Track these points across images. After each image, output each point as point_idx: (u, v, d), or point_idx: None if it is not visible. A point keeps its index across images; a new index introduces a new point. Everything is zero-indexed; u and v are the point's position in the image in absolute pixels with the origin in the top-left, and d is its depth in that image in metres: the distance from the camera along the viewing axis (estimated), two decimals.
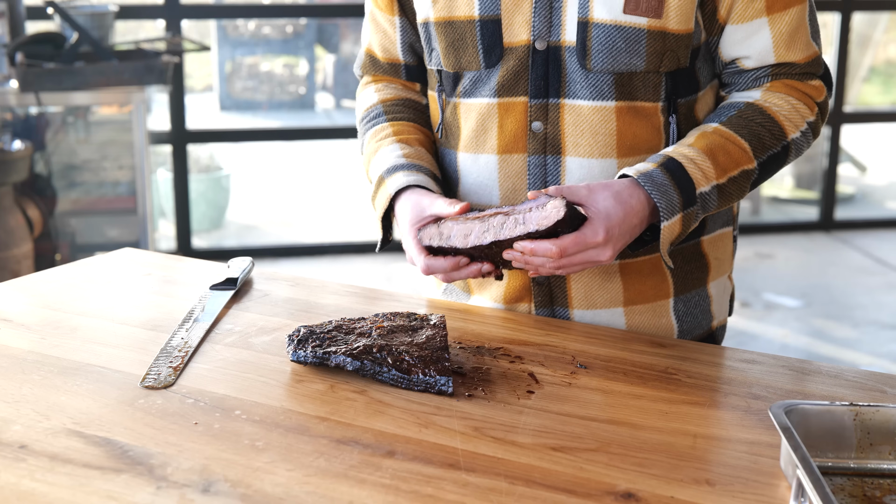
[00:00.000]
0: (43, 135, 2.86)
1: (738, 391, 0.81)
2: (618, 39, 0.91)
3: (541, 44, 0.93)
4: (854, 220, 4.34)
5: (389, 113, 1.05)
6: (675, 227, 0.88)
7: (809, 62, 0.96)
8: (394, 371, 0.79)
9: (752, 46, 0.94)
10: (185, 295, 1.02)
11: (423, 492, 0.63)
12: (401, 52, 1.07)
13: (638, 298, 0.98)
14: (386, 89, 1.09)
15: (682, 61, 0.93)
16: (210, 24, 7.30)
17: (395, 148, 1.00)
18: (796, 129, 0.95)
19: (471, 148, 0.99)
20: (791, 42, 0.94)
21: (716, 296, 1.04)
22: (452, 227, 0.88)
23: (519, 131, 0.95)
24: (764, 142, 0.93)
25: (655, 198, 0.87)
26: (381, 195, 0.98)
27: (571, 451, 0.69)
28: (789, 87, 0.96)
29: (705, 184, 0.89)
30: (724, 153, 0.91)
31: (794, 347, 2.95)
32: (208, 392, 0.77)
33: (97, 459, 0.65)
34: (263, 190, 5.26)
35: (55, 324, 0.92)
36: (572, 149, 0.94)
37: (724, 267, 1.05)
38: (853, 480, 0.68)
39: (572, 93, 0.93)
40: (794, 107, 0.95)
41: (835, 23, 4.12)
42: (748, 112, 0.94)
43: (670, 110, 0.95)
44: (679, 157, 0.90)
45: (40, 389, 0.77)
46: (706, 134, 0.92)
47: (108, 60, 2.71)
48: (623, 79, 0.92)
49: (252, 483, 0.63)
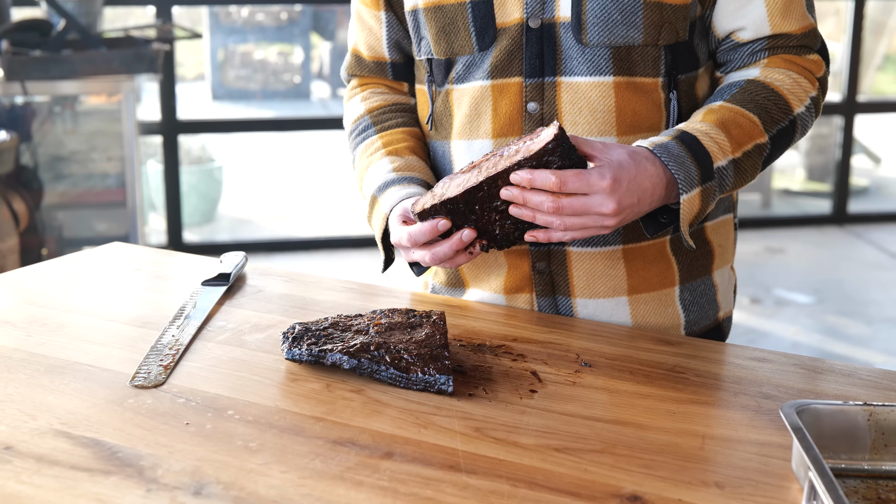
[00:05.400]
0: (29, 125, 2.82)
1: (748, 390, 0.80)
2: (613, 11, 0.89)
3: (534, 21, 0.92)
4: (868, 213, 4.32)
5: (377, 123, 1.04)
6: (695, 201, 0.85)
7: (805, 33, 0.94)
8: (392, 370, 0.78)
9: (746, 17, 0.93)
10: (176, 291, 1.00)
11: (422, 494, 0.61)
12: (387, 49, 1.06)
13: (642, 286, 0.96)
14: (372, 97, 1.07)
15: (681, 34, 0.92)
16: (202, 11, 7.25)
17: (385, 163, 0.99)
18: (800, 103, 0.93)
19: (464, 135, 0.97)
20: (786, 12, 0.93)
21: (721, 285, 1.02)
22: (448, 183, 0.83)
23: (514, 113, 0.93)
24: (772, 115, 0.91)
25: (673, 169, 0.84)
26: (377, 216, 0.97)
27: (575, 452, 0.68)
28: (788, 62, 0.94)
29: (722, 157, 0.87)
30: (735, 126, 0.89)
31: (806, 345, 2.93)
32: (200, 391, 0.76)
33: (85, 461, 0.64)
34: (257, 182, 5.24)
35: (42, 321, 0.91)
36: (570, 128, 0.92)
37: (727, 255, 1.03)
38: (867, 483, 0.67)
39: (569, 70, 0.91)
40: (796, 80, 0.93)
41: (848, 10, 4.09)
42: (751, 87, 0.92)
43: (671, 86, 0.93)
44: (693, 131, 0.88)
45: (26, 389, 0.75)
46: (714, 110, 0.91)
47: (96, 48, 2.67)
48: (621, 53, 0.91)
49: (245, 485, 0.62)
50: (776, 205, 4.51)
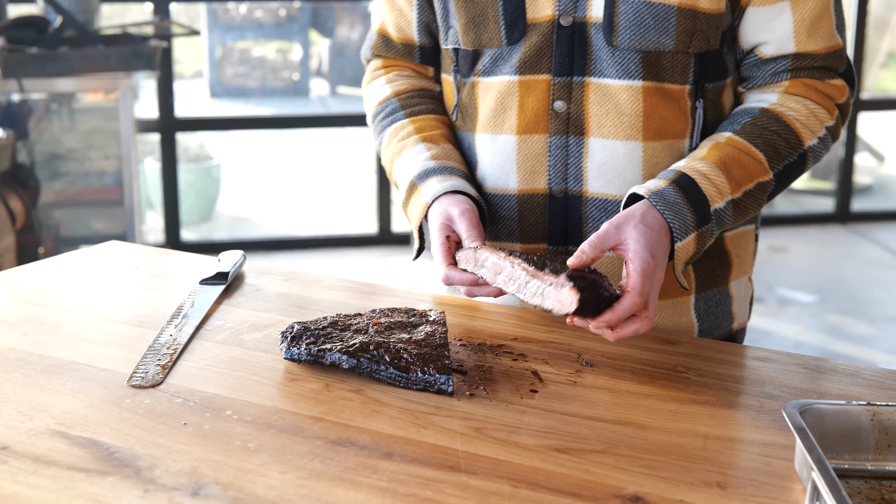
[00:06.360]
0: (25, 123, 2.81)
1: (751, 390, 0.80)
2: (646, 16, 0.89)
3: (566, 19, 0.92)
4: (871, 211, 4.30)
5: (406, 107, 1.03)
6: (690, 246, 0.86)
7: (830, 53, 0.93)
8: (391, 369, 0.77)
9: (772, 31, 0.92)
10: (174, 290, 1.00)
11: (422, 495, 0.61)
12: (416, 31, 1.05)
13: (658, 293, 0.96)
14: (398, 79, 1.06)
15: (713, 43, 0.92)
16: (200, 8, 7.23)
17: (421, 149, 0.98)
18: (813, 135, 0.92)
19: (489, 129, 0.97)
20: (813, 29, 0.92)
21: (737, 296, 1.02)
22: (487, 256, 0.85)
23: (540, 110, 0.94)
24: (779, 151, 0.91)
25: (668, 217, 0.84)
26: (416, 204, 0.96)
27: (576, 452, 0.68)
28: (808, 88, 0.93)
29: (720, 200, 0.87)
30: (738, 166, 0.89)
31: (809, 344, 2.92)
32: (198, 391, 0.76)
33: (82, 461, 0.64)
34: (255, 180, 5.23)
35: (38, 320, 0.90)
36: (596, 129, 0.92)
37: (745, 266, 1.03)
38: (870, 483, 0.66)
39: (598, 71, 0.92)
40: (812, 111, 0.92)
41: (851, 6, 4.07)
42: (763, 119, 0.92)
43: (697, 94, 0.93)
44: (691, 173, 0.87)
45: (23, 388, 0.75)
46: (719, 145, 0.90)
47: (93, 45, 2.67)
48: (651, 58, 0.91)
49: (244, 486, 0.62)
50: (779, 203, 4.49)
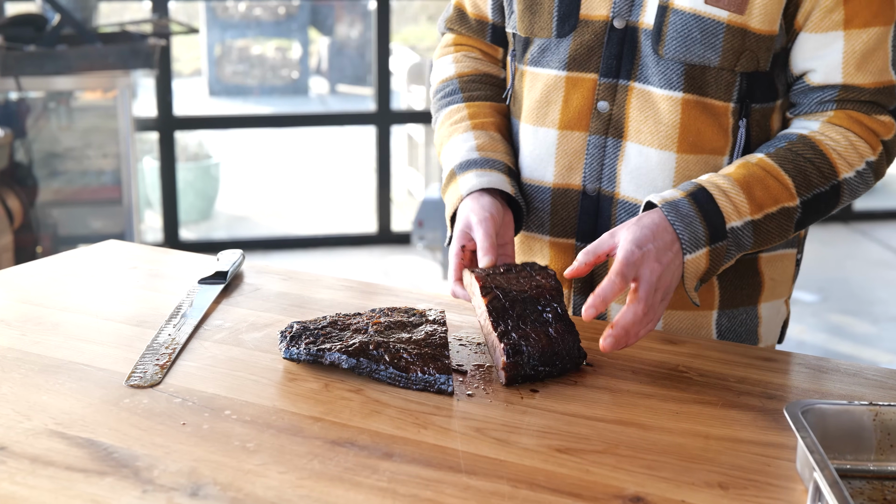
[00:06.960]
0: (23, 121, 2.81)
1: (752, 390, 0.80)
2: (694, 29, 0.89)
3: (619, 22, 0.92)
4: (874, 210, 4.29)
5: (465, 90, 1.05)
6: (701, 261, 0.84)
7: (879, 89, 0.90)
8: (391, 369, 0.77)
9: (821, 59, 0.90)
10: (173, 289, 1.00)
11: (421, 495, 0.61)
12: (490, 9, 1.06)
13: (678, 304, 0.95)
14: (464, 60, 1.08)
15: (762, 64, 0.91)
16: (199, 6, 7.22)
17: (468, 137, 0.99)
18: (850, 168, 0.90)
19: (532, 119, 0.98)
20: (863, 62, 0.90)
21: (766, 318, 1.00)
22: (476, 291, 0.84)
23: (584, 108, 0.94)
24: (810, 179, 0.89)
25: (678, 229, 0.83)
26: (452, 193, 0.97)
27: (577, 452, 0.68)
28: (853, 121, 0.91)
29: (737, 218, 0.85)
30: (761, 187, 0.87)
31: (811, 344, 2.92)
32: (197, 391, 0.75)
33: (80, 461, 0.64)
34: (254, 179, 5.22)
35: (36, 319, 0.90)
36: (634, 134, 0.93)
37: (780, 290, 1.01)
38: (872, 484, 0.66)
39: (643, 77, 0.92)
40: (853, 143, 0.90)
41: None
42: (799, 145, 0.90)
43: (742, 113, 0.92)
44: (710, 188, 0.86)
45: (21, 388, 0.75)
46: (747, 165, 0.89)
47: (91, 43, 2.66)
48: (694, 71, 0.90)
49: (243, 486, 0.61)
50: None
